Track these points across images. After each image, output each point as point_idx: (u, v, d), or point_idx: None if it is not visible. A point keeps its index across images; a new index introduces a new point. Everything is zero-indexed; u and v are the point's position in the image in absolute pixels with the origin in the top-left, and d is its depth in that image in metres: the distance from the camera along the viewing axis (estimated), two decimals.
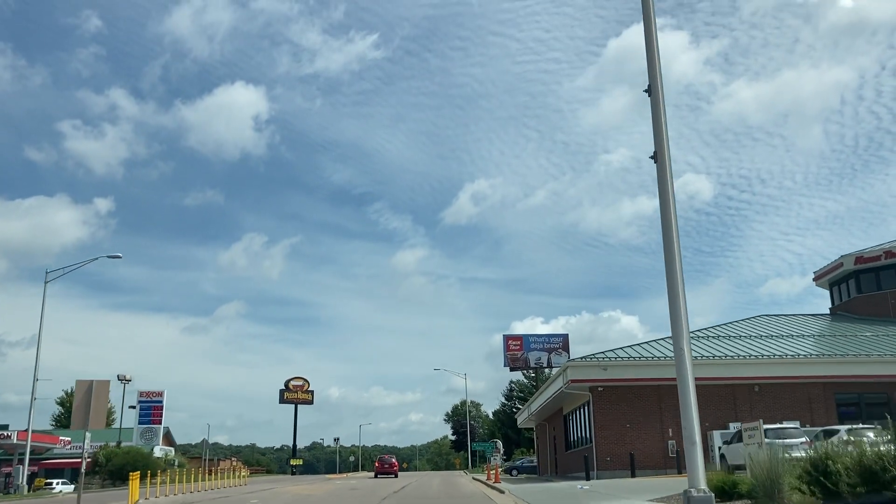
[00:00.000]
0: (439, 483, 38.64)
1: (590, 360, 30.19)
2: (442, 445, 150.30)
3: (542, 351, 78.29)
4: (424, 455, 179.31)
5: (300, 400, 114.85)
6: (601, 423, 29.80)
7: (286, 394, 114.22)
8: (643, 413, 29.92)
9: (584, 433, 32.65)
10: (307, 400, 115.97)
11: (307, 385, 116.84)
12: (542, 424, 46.41)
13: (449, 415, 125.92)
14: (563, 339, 78.96)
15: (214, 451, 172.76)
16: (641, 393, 30.00)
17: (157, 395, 62.42)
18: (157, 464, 52.78)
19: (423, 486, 32.62)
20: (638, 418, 29.90)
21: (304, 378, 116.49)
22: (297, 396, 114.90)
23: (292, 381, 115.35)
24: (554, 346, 78.48)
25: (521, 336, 79.35)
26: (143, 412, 61.42)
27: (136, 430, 61.46)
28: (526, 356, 78.23)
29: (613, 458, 29.40)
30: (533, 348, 78.32)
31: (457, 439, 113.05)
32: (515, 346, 78.50)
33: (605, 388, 30.36)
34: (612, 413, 29.89)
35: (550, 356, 78.10)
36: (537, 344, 78.51)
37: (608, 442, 29.56)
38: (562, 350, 78.43)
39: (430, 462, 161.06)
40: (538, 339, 78.80)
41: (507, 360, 78.53)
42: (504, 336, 79.27)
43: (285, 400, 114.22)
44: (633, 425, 29.81)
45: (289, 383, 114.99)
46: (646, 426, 29.73)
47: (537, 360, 78.12)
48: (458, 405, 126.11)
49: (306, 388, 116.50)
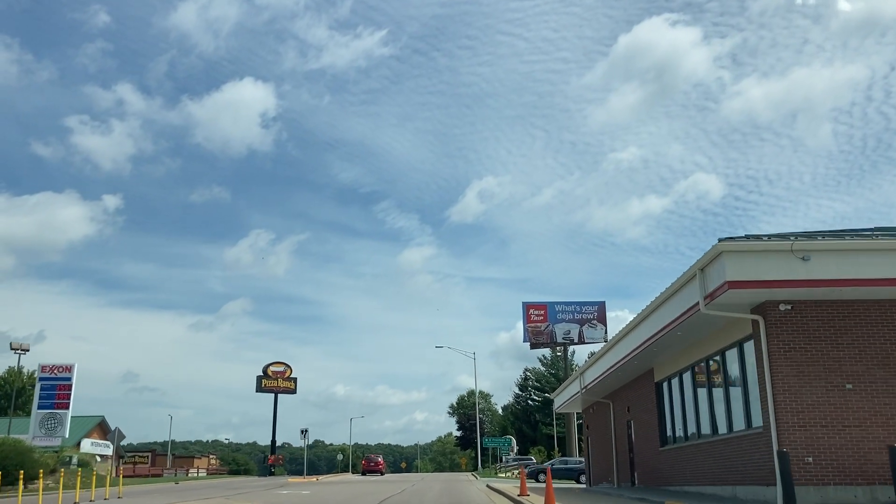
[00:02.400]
0: (438, 495, 23.03)
1: (766, 240, 13.71)
2: (446, 443, 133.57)
3: (571, 322, 61.93)
4: (427, 454, 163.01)
5: (281, 388, 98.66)
6: (787, 381, 13.51)
7: (264, 381, 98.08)
8: (885, 361, 13.72)
9: (728, 408, 16.29)
10: (289, 388, 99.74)
11: (289, 371, 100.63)
12: (598, 406, 29.95)
13: (454, 407, 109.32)
14: (598, 308, 62.54)
15: (193, 448, 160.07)
16: (884, 315, 13.85)
17: (64, 371, 46.32)
18: (37, 462, 37.30)
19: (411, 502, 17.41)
20: (872, 373, 13.66)
21: (285, 363, 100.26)
22: (276, 384, 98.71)
23: (271, 366, 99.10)
24: (587, 317, 62.13)
25: (546, 304, 62.97)
26: (44, 393, 45.40)
27: (34, 417, 45.39)
28: (551, 329, 61.87)
29: (822, 454, 13.17)
30: (560, 319, 61.99)
31: (463, 436, 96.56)
32: (538, 316, 62.16)
33: (801, 306, 14.03)
34: (812, 360, 13.65)
35: (582, 329, 61.78)
36: (566, 313, 62.15)
37: (803, 424, 13.31)
38: (596, 321, 62.12)
39: (433, 462, 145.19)
40: (567, 307, 62.42)
41: (528, 333, 62.17)
42: (524, 304, 62.90)
43: (263, 388, 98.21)
44: (861, 385, 13.58)
45: (267, 369, 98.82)
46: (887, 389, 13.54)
47: (565, 333, 61.76)
48: (465, 396, 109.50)
49: (288, 375, 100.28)
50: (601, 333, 61.48)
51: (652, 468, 22.15)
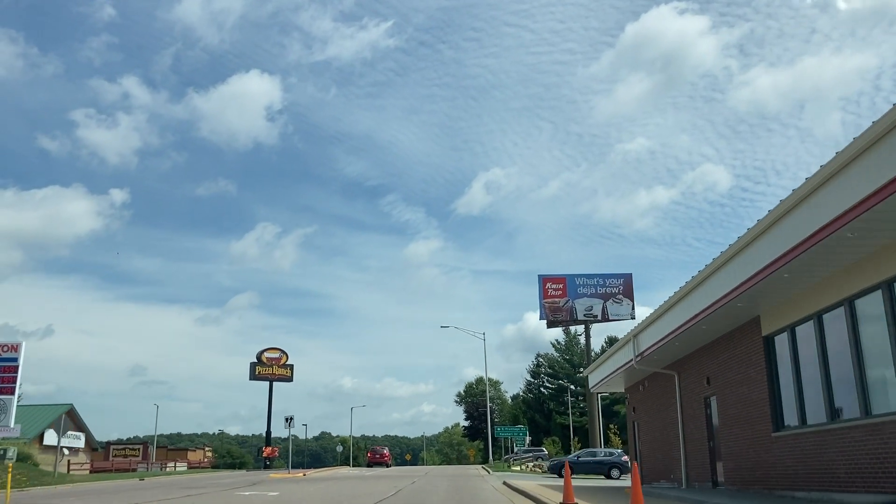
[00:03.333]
0: (443, 500, 16.35)
1: None
2: (453, 434, 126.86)
3: (594, 297, 54.87)
4: (434, 445, 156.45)
5: (276, 376, 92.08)
6: None
7: (258, 368, 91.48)
8: None
9: None
10: (285, 376, 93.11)
11: (284, 358, 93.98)
12: (655, 380, 22.86)
13: (461, 396, 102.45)
14: (624, 281, 55.45)
15: (199, 441, 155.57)
16: None
17: (10, 350, 39.65)
18: None
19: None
20: None
21: (280, 349, 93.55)
22: (271, 371, 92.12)
23: (265, 352, 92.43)
24: (611, 291, 55.08)
25: (565, 277, 55.86)
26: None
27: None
28: (571, 305, 54.84)
29: None
30: (582, 293, 54.95)
31: (471, 425, 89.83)
32: (556, 290, 55.12)
33: None
34: None
35: (606, 304, 54.75)
36: (588, 287, 55.10)
37: None
38: (622, 296, 55.08)
39: (439, 454, 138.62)
40: (589, 280, 55.34)
41: (544, 310, 55.15)
42: (540, 277, 55.85)
43: (257, 375, 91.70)
44: None
45: (261, 355, 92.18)
46: None
47: (587, 310, 54.71)
48: (473, 384, 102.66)
49: (283, 362, 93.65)
50: (628, 309, 54.49)
51: (754, 464, 15.11)
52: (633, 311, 54.42)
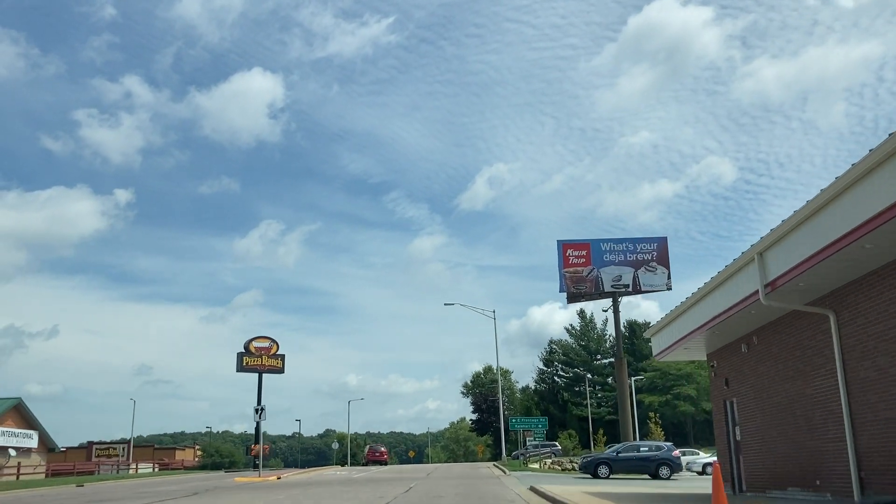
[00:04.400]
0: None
1: None
2: (459, 429, 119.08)
3: (623, 265, 47.03)
4: (440, 441, 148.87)
5: (266, 367, 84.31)
6: None
7: (246, 359, 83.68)
8: None
9: None
10: (275, 367, 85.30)
11: (275, 347, 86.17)
12: (783, 328, 14.92)
13: (468, 387, 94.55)
14: (658, 245, 47.56)
15: (202, 440, 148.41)
16: None
17: None
18: None
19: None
20: None
21: (270, 338, 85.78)
22: (260, 363, 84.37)
23: (254, 341, 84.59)
24: (643, 257, 47.21)
25: (588, 242, 48.01)
26: None
27: None
28: (596, 274, 47.01)
29: None
30: (608, 261, 47.10)
31: (479, 419, 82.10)
32: (578, 258, 47.30)
33: None
34: None
35: (637, 273, 46.90)
36: (615, 254, 47.24)
37: None
38: (656, 263, 47.22)
39: (445, 450, 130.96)
40: (616, 245, 47.46)
41: (564, 281, 47.33)
42: (560, 244, 48.03)
43: (245, 367, 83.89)
44: None
45: (249, 345, 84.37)
46: None
47: (615, 280, 46.86)
48: (481, 373, 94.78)
49: (274, 352, 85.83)
50: (662, 278, 46.63)
51: None
52: (668, 281, 46.61)
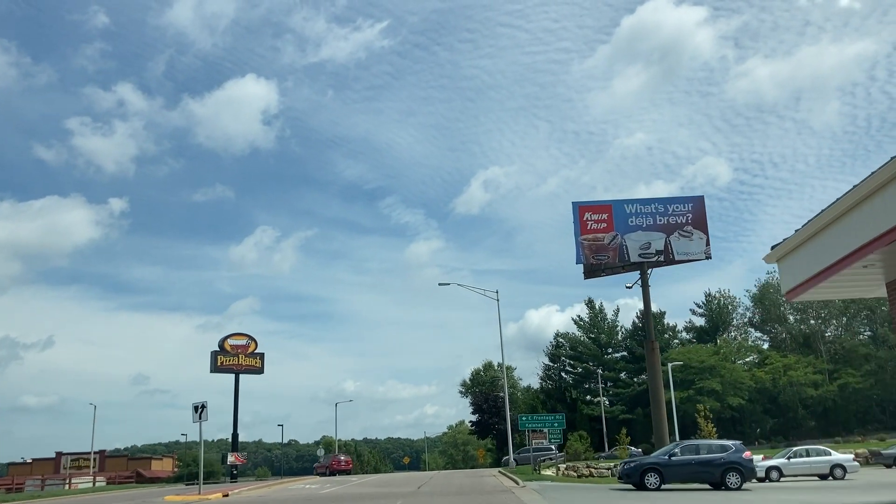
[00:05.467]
0: None
1: None
2: (458, 432, 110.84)
3: (652, 230, 39.09)
4: (437, 446, 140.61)
5: (243, 367, 76.01)
6: None
7: (221, 358, 75.37)
8: None
9: None
10: (253, 367, 77.00)
11: (253, 345, 77.87)
12: None
13: (467, 385, 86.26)
14: (693, 206, 39.63)
15: (171, 448, 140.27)
16: None
17: None
18: None
19: None
20: None
21: (247, 335, 77.47)
22: (237, 362, 76.06)
23: (229, 339, 76.29)
24: (677, 220, 39.29)
25: (610, 204, 40.10)
26: None
27: None
28: (620, 241, 39.07)
29: None
30: (634, 226, 39.18)
31: (479, 420, 73.94)
32: (598, 222, 39.40)
33: None
34: None
35: (670, 240, 38.95)
36: (643, 217, 39.30)
37: None
38: (691, 227, 39.32)
39: (444, 455, 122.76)
40: (644, 207, 39.51)
41: (582, 250, 39.39)
42: (576, 206, 40.12)
43: (220, 367, 75.61)
44: None
45: (224, 343, 76.19)
46: None
47: (643, 248, 38.90)
48: (481, 370, 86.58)
49: (252, 350, 77.50)
50: (700, 245, 38.70)
51: None
52: (707, 248, 38.73)
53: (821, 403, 69.17)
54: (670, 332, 79.45)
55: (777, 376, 68.71)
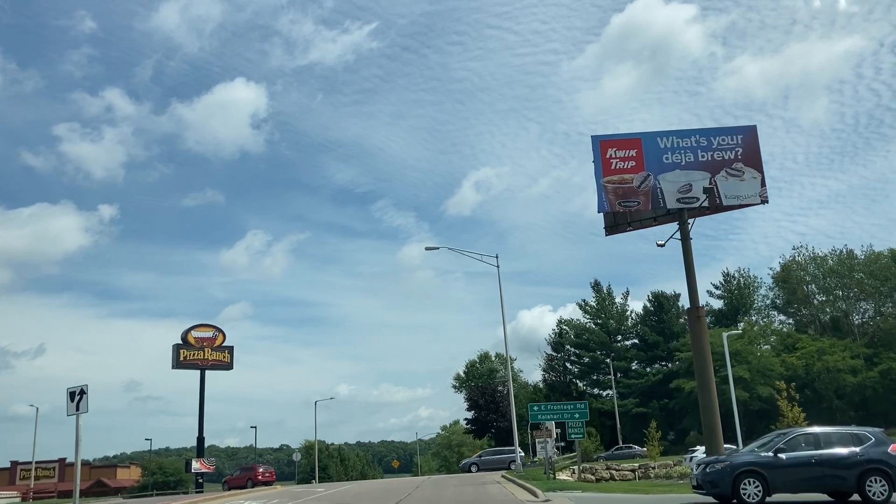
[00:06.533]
0: None
1: None
2: (452, 433, 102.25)
3: (693, 168, 30.75)
4: (431, 448, 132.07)
5: (210, 362, 67.30)
6: None
7: (184, 352, 66.73)
8: None
9: None
10: (221, 362, 68.30)
11: (221, 338, 69.11)
12: None
13: (461, 379, 77.77)
14: (744, 138, 31.27)
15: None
16: None
17: None
18: None
19: None
20: None
21: (214, 326, 68.70)
22: (202, 357, 67.26)
23: (193, 330, 67.77)
24: (723, 156, 31.04)
25: (640, 137, 31.80)
26: None
27: None
28: (653, 183, 30.79)
29: None
30: (670, 164, 30.92)
31: (476, 417, 65.47)
32: (625, 161, 31.21)
33: None
34: None
35: (716, 180, 30.75)
36: (681, 152, 31.02)
37: None
38: (742, 164, 31.11)
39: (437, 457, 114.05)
40: (682, 140, 31.14)
41: (605, 195, 31.10)
42: (596, 141, 31.89)
43: (183, 362, 67.02)
44: None
45: (188, 335, 67.63)
46: None
47: (682, 190, 30.59)
48: (477, 361, 78.10)
49: (220, 344, 68.73)
50: (754, 186, 30.41)
51: None
52: (763, 190, 30.54)
53: (859, 391, 61.15)
54: (686, 316, 71.34)
55: (810, 362, 60.66)
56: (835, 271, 67.29)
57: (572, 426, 29.55)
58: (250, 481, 49.10)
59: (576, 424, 29.44)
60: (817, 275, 69.92)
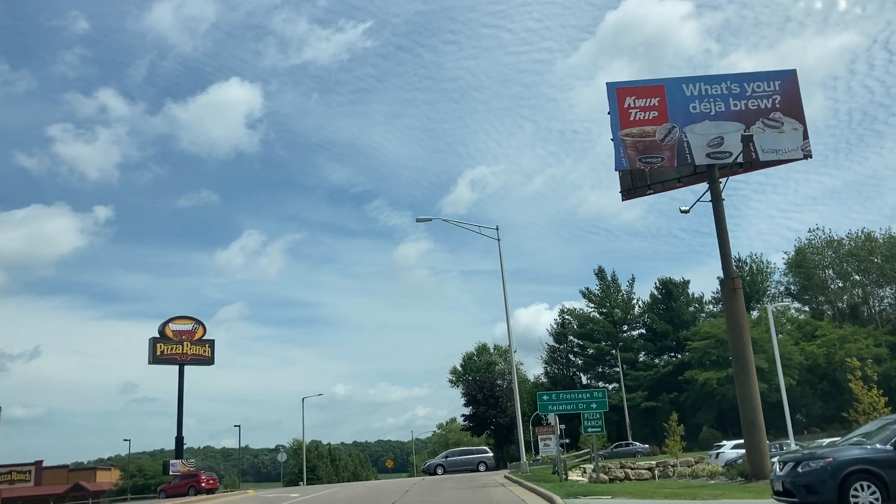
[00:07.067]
0: None
1: None
2: (449, 431, 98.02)
3: (724, 119, 26.54)
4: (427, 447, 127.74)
5: (189, 357, 62.99)
6: None
7: (161, 346, 62.40)
8: None
9: None
10: (202, 357, 63.95)
11: (201, 331, 64.83)
12: None
13: (458, 372, 73.44)
14: (782, 84, 27.06)
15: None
16: None
17: None
18: None
19: None
20: None
21: (194, 319, 64.37)
22: (181, 351, 62.98)
23: (171, 323, 63.50)
24: (759, 106, 26.83)
25: (663, 84, 27.53)
26: None
27: None
28: (678, 136, 26.53)
29: None
30: (698, 114, 26.65)
31: (474, 413, 61.21)
32: (646, 111, 26.91)
33: None
34: None
35: (751, 132, 26.59)
36: (710, 101, 26.76)
37: None
38: (781, 114, 26.91)
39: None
40: (711, 87, 26.89)
41: (623, 151, 26.84)
42: (611, 88, 27.64)
43: (161, 356, 62.73)
44: None
45: (165, 328, 63.35)
46: None
47: (712, 144, 26.32)
48: (474, 353, 73.80)
49: (200, 337, 64.44)
50: (795, 139, 26.22)
51: None
52: (805, 143, 26.39)
53: (884, 382, 56.98)
54: (696, 304, 67.25)
55: (831, 350, 56.54)
56: (854, 254, 63.26)
57: (588, 418, 25.33)
58: (192, 489, 44.77)
59: (592, 416, 25.22)
60: (834, 259, 65.93)
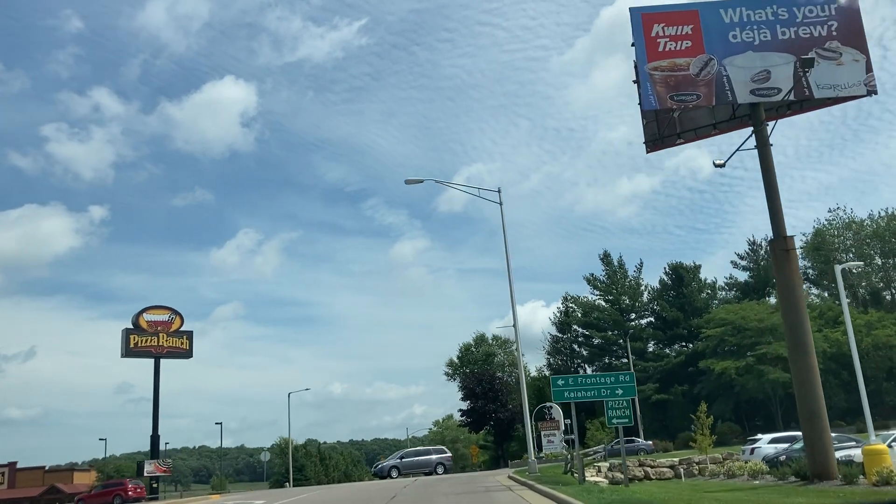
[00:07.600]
0: None
1: None
2: (445, 428, 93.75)
3: (770, 50, 22.16)
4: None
5: (165, 350, 58.40)
6: None
7: (134, 337, 57.98)
8: None
9: None
10: (179, 349, 59.36)
11: (178, 321, 60.23)
12: None
13: (455, 365, 68.89)
14: (839, 10, 22.62)
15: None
16: None
17: None
18: None
19: None
20: None
21: (170, 308, 60.03)
22: (156, 343, 58.39)
23: (146, 313, 59.04)
24: (812, 34, 22.30)
25: (696, 9, 23.04)
26: None
27: None
28: (716, 69, 22.05)
29: None
30: (740, 44, 22.12)
31: (472, 408, 56.73)
32: (678, 40, 22.36)
33: None
34: None
35: (800, 65, 22.12)
36: (754, 28, 22.25)
37: None
38: (839, 44, 22.48)
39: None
40: (755, 11, 22.39)
41: (652, 88, 22.27)
42: (636, 13, 22.96)
43: (135, 349, 58.20)
44: None
45: (139, 319, 58.81)
46: None
47: (757, 78, 21.80)
48: (472, 344, 69.33)
49: (176, 328, 59.91)
50: (857, 73, 21.90)
51: None
52: (869, 77, 22.07)
53: None
54: (709, 290, 63.08)
55: (857, 337, 52.27)
56: (878, 235, 59.17)
57: (613, 407, 21.01)
58: (118, 497, 40.60)
59: (618, 405, 20.96)
60: (854, 242, 61.81)
